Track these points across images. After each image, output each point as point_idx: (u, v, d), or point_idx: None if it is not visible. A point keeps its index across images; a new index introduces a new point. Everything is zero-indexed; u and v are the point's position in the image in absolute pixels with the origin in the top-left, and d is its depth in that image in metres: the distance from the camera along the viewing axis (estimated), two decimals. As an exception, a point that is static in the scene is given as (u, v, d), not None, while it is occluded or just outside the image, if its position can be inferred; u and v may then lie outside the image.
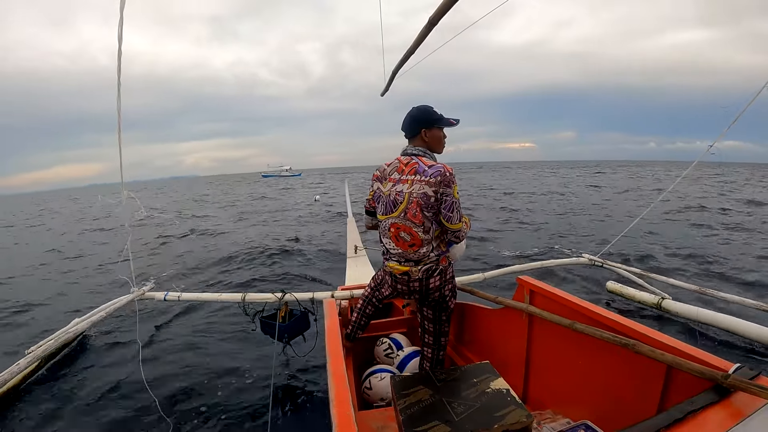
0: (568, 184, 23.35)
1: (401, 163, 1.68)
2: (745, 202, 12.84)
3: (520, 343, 1.85)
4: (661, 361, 1.09)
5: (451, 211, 1.60)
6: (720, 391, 0.94)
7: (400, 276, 1.71)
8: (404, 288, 1.73)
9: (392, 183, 1.68)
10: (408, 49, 2.80)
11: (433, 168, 1.59)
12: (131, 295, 2.87)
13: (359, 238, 4.53)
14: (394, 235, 1.68)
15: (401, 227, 1.65)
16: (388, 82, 4.14)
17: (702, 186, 18.86)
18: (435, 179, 1.58)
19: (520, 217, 10.45)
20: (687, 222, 8.99)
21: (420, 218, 1.61)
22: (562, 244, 6.82)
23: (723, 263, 5.43)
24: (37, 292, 5.32)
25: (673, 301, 3.41)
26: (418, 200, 1.60)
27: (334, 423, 0.95)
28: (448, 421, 1.11)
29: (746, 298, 3.06)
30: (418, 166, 1.63)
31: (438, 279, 1.68)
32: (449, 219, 1.61)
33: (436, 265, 1.67)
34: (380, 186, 1.73)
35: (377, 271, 2.02)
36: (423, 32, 2.34)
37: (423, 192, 1.59)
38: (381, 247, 1.79)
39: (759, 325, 2.76)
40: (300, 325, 2.61)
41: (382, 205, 1.71)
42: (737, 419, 0.84)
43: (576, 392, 1.58)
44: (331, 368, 1.28)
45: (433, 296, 1.72)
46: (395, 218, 1.66)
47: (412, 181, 1.62)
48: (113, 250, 7.92)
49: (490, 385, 1.27)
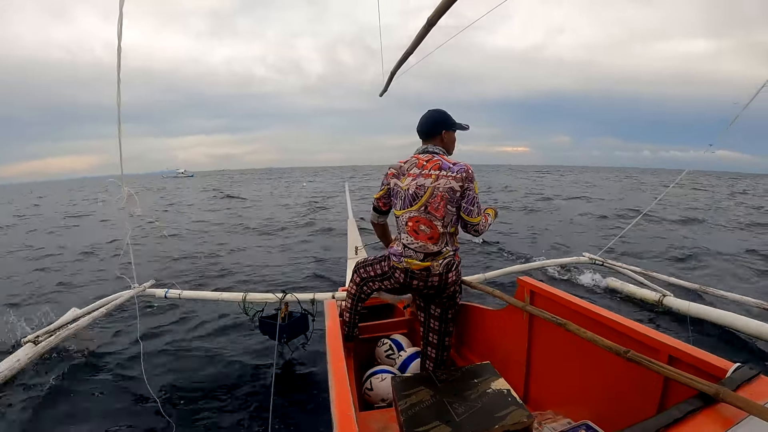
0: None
1: (420, 160, 1.73)
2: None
3: (521, 344, 1.85)
4: (654, 372, 1.08)
5: (472, 205, 1.68)
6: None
7: (419, 272, 1.72)
8: (421, 284, 1.74)
9: (412, 178, 1.71)
10: (406, 49, 2.80)
11: (458, 165, 1.69)
12: (131, 291, 2.87)
13: (360, 239, 4.53)
14: (413, 229, 1.71)
15: (420, 220, 1.69)
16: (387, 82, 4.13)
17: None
18: (461, 175, 1.66)
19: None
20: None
21: (442, 212, 1.66)
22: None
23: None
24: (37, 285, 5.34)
25: (674, 298, 3.41)
26: (443, 194, 1.66)
27: (335, 424, 0.95)
28: (449, 422, 1.12)
29: (746, 297, 3.07)
30: (442, 163, 1.69)
31: (455, 274, 1.74)
32: (470, 213, 1.68)
33: (453, 260, 1.73)
34: (397, 182, 1.77)
35: (361, 267, 1.99)
36: (421, 33, 2.34)
37: (450, 187, 1.65)
38: (395, 245, 1.80)
39: (760, 322, 2.76)
40: (299, 326, 2.62)
41: (400, 199, 1.75)
42: (737, 419, 0.84)
43: (577, 392, 1.58)
44: (332, 369, 1.28)
45: (448, 291, 1.76)
46: (414, 211, 1.70)
47: (437, 176, 1.67)
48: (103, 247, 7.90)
49: (491, 385, 1.27)
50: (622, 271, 3.87)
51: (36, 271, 6.32)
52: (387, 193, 1.84)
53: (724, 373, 1.00)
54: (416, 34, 2.44)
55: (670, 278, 3.62)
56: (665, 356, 1.18)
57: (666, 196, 5.11)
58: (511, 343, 1.91)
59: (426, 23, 2.17)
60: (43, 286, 5.40)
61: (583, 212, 12.05)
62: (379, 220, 1.98)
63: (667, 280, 3.59)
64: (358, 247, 4.21)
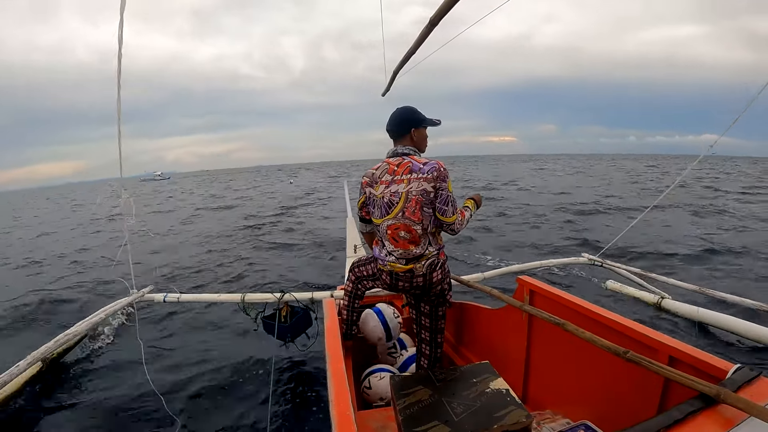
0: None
1: (391, 165, 1.68)
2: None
3: (520, 343, 1.84)
4: (653, 372, 1.07)
5: (446, 205, 1.63)
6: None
7: (402, 274, 1.71)
8: (406, 285, 1.73)
9: (384, 185, 1.67)
10: (409, 49, 2.79)
11: (428, 165, 1.62)
12: (130, 297, 2.86)
13: (358, 238, 4.52)
14: (392, 237, 1.68)
15: (400, 227, 1.65)
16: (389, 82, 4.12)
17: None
18: (432, 175, 1.60)
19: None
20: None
21: (419, 215, 1.62)
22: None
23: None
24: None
25: (672, 300, 3.41)
26: (417, 197, 1.61)
27: (334, 423, 0.95)
28: (448, 422, 1.11)
29: (746, 299, 3.06)
30: (412, 165, 1.63)
31: (440, 272, 1.70)
32: (444, 212, 1.63)
33: (437, 259, 1.69)
34: (372, 190, 1.72)
35: (356, 266, 1.99)
36: (424, 32, 2.33)
37: (422, 189, 1.60)
38: (379, 248, 1.77)
39: (758, 325, 2.76)
40: (302, 323, 2.61)
41: (377, 208, 1.71)
42: (738, 419, 0.84)
43: (575, 392, 1.58)
44: (331, 368, 1.28)
45: (434, 290, 1.73)
46: (392, 219, 1.66)
47: (409, 179, 1.63)
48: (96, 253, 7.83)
49: (490, 385, 1.27)
50: (621, 272, 3.86)
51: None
52: (366, 201, 1.78)
53: (725, 374, 1.00)
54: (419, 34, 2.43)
55: (669, 279, 3.61)
56: (665, 357, 1.18)
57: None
58: (510, 343, 1.91)
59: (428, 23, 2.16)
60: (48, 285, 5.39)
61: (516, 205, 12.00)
62: (367, 229, 1.90)
63: (667, 281, 3.58)
64: (357, 245, 4.21)
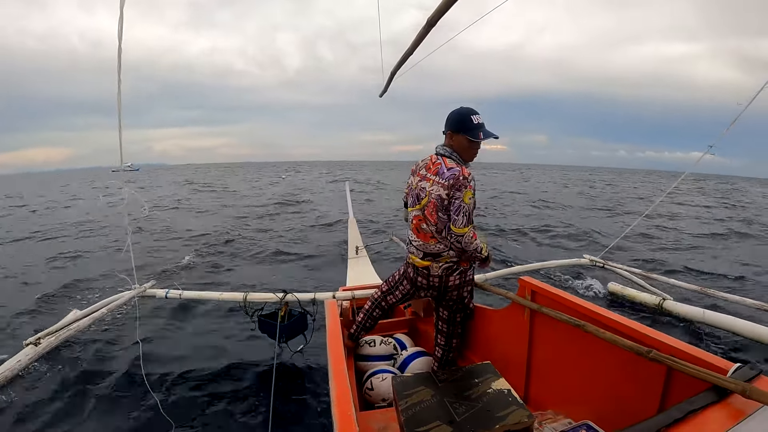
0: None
1: (431, 161, 1.74)
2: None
3: (522, 344, 1.85)
4: (678, 371, 1.07)
5: (458, 214, 1.60)
6: (720, 391, 0.94)
7: (421, 269, 1.76)
8: (424, 282, 1.77)
9: (419, 178, 1.74)
10: (406, 50, 2.81)
11: (451, 171, 1.62)
12: (132, 292, 2.86)
13: (360, 240, 4.53)
14: (416, 227, 1.74)
15: (423, 219, 1.72)
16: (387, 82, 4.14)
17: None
18: (448, 182, 1.61)
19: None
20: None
21: (434, 218, 1.66)
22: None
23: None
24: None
25: (674, 301, 3.41)
26: (434, 201, 1.65)
27: (336, 423, 0.96)
28: (450, 422, 1.11)
29: (747, 298, 3.06)
30: (440, 168, 1.67)
31: (458, 278, 1.73)
32: (454, 222, 1.63)
33: (457, 265, 1.72)
34: (412, 179, 1.81)
35: (392, 274, 2.04)
36: (421, 33, 2.34)
37: (438, 194, 1.64)
38: (408, 237, 1.85)
39: (760, 325, 2.76)
40: (298, 325, 2.62)
41: (410, 197, 1.80)
42: (737, 419, 0.84)
43: (577, 392, 1.58)
44: (333, 369, 1.28)
45: (451, 295, 1.76)
46: (418, 211, 1.73)
47: (433, 181, 1.67)
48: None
49: (492, 385, 1.27)
50: (623, 273, 3.86)
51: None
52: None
53: (725, 373, 1.00)
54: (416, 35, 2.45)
55: (671, 279, 3.61)
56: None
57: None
58: (511, 343, 1.91)
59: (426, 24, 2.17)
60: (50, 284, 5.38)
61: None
62: (403, 214, 2.02)
63: (668, 281, 3.58)
64: (359, 246, 4.21)
